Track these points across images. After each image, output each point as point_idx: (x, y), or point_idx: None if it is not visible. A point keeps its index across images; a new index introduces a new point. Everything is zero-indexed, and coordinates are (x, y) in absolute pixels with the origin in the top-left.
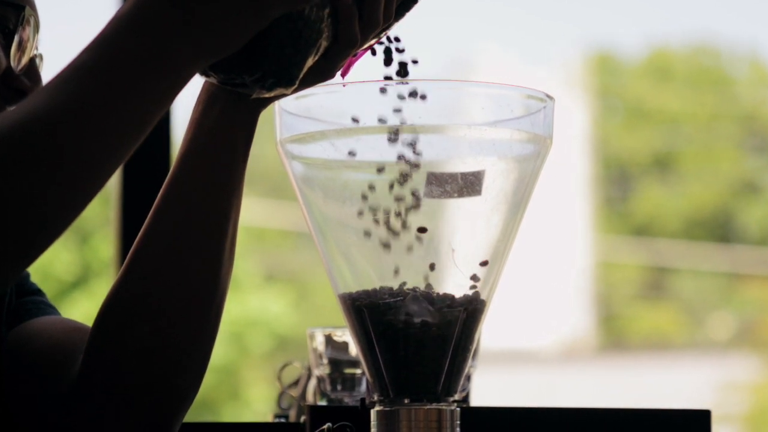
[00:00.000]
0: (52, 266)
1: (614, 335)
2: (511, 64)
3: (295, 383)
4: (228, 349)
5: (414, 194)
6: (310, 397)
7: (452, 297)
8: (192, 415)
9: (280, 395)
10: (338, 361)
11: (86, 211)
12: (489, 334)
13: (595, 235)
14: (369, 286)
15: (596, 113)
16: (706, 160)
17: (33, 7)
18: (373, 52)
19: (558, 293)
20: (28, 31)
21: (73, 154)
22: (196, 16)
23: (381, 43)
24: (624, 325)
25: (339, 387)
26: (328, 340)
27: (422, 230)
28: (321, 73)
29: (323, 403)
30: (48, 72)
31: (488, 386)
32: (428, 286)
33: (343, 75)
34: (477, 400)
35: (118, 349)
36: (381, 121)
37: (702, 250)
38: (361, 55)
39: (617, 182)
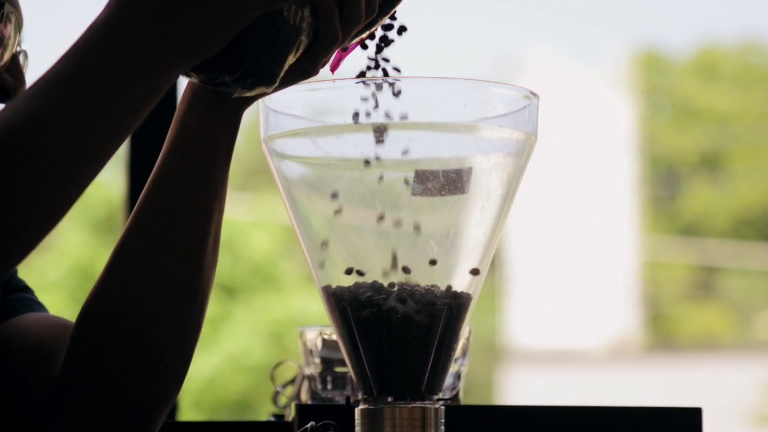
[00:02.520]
0: (93, 266)
1: (662, 335)
2: (559, 63)
3: (292, 382)
4: (269, 349)
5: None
6: (303, 396)
7: (435, 293)
8: (234, 415)
9: (275, 394)
10: (330, 360)
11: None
12: (536, 334)
13: (642, 235)
14: (352, 283)
15: (643, 112)
16: (755, 159)
17: (15, 5)
18: (364, 47)
19: (605, 293)
20: (9, 28)
21: (50, 162)
22: (173, 21)
23: (372, 37)
24: (672, 325)
25: (329, 386)
26: (319, 338)
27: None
28: (303, 71)
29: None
30: (36, 70)
31: (536, 386)
32: (411, 282)
33: (332, 70)
34: (523, 399)
35: (99, 348)
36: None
37: (750, 249)
38: (351, 50)
39: (665, 181)
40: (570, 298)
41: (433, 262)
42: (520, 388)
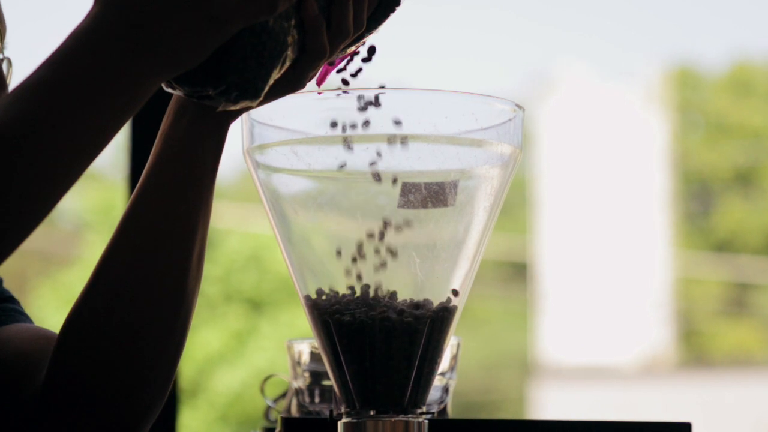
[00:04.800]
0: None
1: (695, 351)
2: (591, 79)
3: (284, 396)
4: None
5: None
6: (294, 410)
7: (418, 306)
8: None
9: (267, 409)
10: (318, 373)
11: None
12: (568, 350)
13: (675, 251)
14: (334, 296)
15: (677, 128)
16: None
17: None
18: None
19: (638, 309)
20: None
21: (27, 170)
22: (153, 32)
23: (357, 53)
24: (705, 342)
25: (317, 399)
26: (307, 351)
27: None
28: (290, 84)
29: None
30: (22, 77)
31: (568, 402)
32: (394, 295)
33: (318, 84)
34: (554, 415)
35: (82, 361)
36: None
37: None
38: (338, 64)
39: (698, 197)
40: (602, 314)
41: (417, 275)
42: (552, 404)
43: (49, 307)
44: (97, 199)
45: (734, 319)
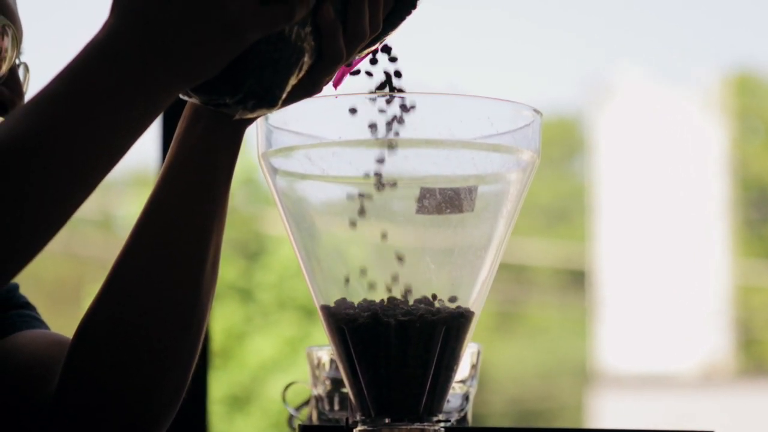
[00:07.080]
0: None
1: (754, 360)
2: (649, 85)
3: (306, 403)
4: None
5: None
6: (315, 418)
7: (434, 313)
8: None
9: (290, 417)
10: (338, 380)
11: None
12: (627, 358)
13: (734, 259)
14: (350, 302)
15: (736, 134)
16: None
17: (12, 19)
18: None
19: (697, 317)
20: (6, 41)
21: (42, 181)
22: (169, 43)
23: (375, 53)
24: (764, 350)
25: (337, 406)
26: (327, 358)
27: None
28: (306, 90)
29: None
30: (40, 84)
31: (626, 410)
32: (410, 301)
33: (335, 86)
34: (611, 424)
35: (95, 365)
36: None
37: None
38: (355, 65)
39: (757, 204)
40: (661, 322)
41: (432, 281)
42: (610, 412)
43: None
44: None
45: None
